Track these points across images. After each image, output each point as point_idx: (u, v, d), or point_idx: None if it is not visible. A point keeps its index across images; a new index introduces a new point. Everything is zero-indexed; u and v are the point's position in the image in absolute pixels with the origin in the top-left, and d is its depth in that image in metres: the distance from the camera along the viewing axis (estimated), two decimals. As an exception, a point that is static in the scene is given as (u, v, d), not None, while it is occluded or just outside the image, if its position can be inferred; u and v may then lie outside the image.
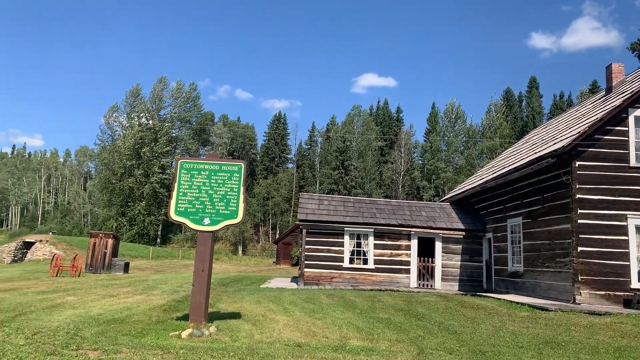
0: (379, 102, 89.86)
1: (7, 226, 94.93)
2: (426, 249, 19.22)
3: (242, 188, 8.60)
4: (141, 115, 72.98)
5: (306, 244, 18.46)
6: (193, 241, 70.98)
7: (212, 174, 8.63)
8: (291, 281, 20.79)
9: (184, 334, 7.62)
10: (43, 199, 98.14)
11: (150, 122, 72.38)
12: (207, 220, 8.39)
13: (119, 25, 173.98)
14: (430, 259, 18.86)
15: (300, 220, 18.75)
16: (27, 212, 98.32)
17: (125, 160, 68.09)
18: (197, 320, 8.06)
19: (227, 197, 8.51)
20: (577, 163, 13.35)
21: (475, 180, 21.35)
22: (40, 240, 33.84)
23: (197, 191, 8.54)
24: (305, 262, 18.34)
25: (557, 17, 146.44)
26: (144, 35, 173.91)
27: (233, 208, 8.47)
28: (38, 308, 10.12)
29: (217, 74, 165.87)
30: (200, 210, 8.43)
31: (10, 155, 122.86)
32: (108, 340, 6.95)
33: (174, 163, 74.39)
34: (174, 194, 8.50)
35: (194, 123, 79.99)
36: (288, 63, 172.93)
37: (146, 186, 68.25)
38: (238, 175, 8.64)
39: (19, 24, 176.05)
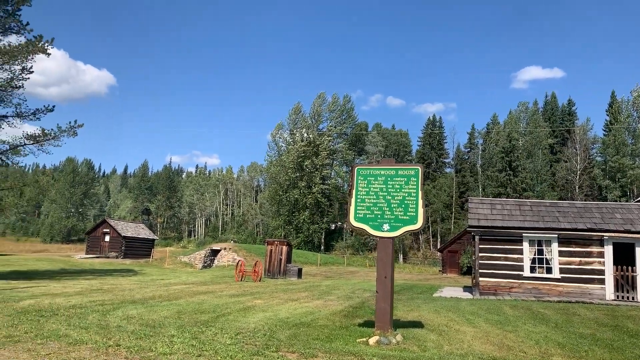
0: (546, 96, 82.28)
1: (195, 236, 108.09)
2: (624, 256, 16.71)
3: (420, 192, 8.32)
4: (302, 130, 77.58)
5: (480, 252, 17.39)
6: (354, 248, 72.63)
7: (389, 179, 8.51)
8: (464, 291, 19.80)
9: (371, 340, 7.57)
10: (222, 211, 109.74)
11: (311, 136, 76.44)
12: (386, 226, 8.28)
13: (280, 49, 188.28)
14: (630, 268, 16.33)
15: (471, 227, 17.75)
16: (210, 223, 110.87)
17: (290, 173, 72.77)
18: (383, 328, 7.96)
19: (406, 202, 8.31)
20: None
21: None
22: (225, 248, 37.73)
23: (375, 197, 8.49)
24: (480, 270, 17.28)
25: None
26: (302, 55, 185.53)
27: (412, 213, 8.23)
28: (233, 310, 11.05)
29: (369, 84, 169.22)
30: (379, 216, 8.36)
31: (194, 174, 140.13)
32: (302, 343, 7.20)
33: (333, 174, 77.94)
34: (353, 200, 8.57)
35: (349, 134, 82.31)
36: (439, 65, 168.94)
37: (309, 197, 71.98)
38: (415, 179, 8.39)
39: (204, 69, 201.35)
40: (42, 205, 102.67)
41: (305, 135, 77.36)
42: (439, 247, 48.28)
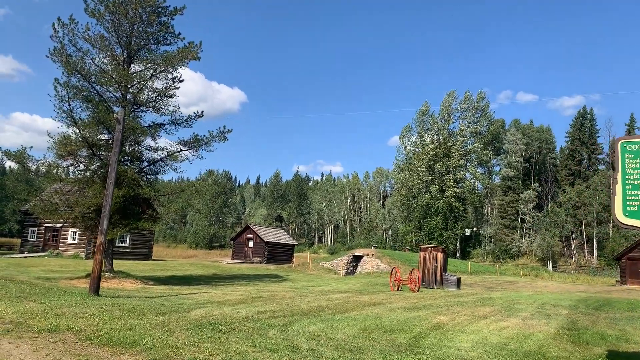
0: None
1: (324, 242, 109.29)
2: None
3: None
4: (431, 132, 74.09)
5: None
6: (494, 255, 67.05)
7: (674, 155, 5.98)
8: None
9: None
10: (349, 217, 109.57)
11: (441, 137, 72.67)
12: (676, 223, 5.76)
13: (396, 51, 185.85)
14: None
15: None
16: (339, 229, 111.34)
17: (421, 176, 69.74)
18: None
19: None
20: None
21: None
22: (367, 254, 36.20)
23: (653, 182, 6.01)
24: None
25: None
26: (423, 54, 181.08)
27: None
28: (424, 329, 9.16)
29: (495, 80, 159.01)
30: (663, 209, 5.87)
31: (320, 182, 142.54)
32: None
33: (468, 176, 73.13)
34: (619, 187, 6.16)
35: (484, 133, 76.71)
36: (576, 55, 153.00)
37: (441, 201, 68.29)
38: None
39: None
40: (187, 214, 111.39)
41: (435, 136, 73.68)
42: (615, 254, 41.24)
